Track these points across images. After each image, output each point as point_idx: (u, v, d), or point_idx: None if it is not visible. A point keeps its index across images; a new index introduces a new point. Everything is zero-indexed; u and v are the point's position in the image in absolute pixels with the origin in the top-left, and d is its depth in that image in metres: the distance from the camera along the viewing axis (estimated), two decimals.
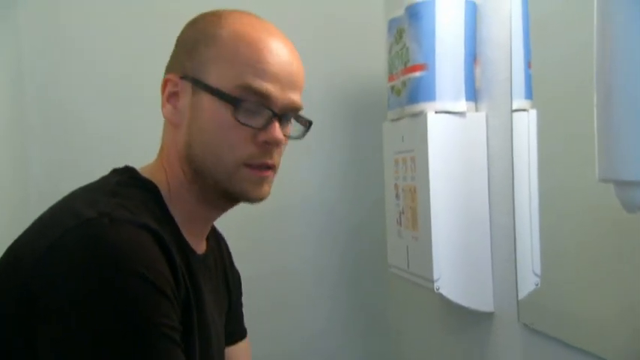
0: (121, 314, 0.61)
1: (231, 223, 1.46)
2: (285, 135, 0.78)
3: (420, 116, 1.10)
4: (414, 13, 1.11)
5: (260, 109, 0.75)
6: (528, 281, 1.00)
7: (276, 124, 0.76)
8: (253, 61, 0.75)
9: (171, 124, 0.79)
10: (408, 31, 1.14)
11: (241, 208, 0.83)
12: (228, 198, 0.79)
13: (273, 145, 0.76)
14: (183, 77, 0.77)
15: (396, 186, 1.25)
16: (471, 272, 1.10)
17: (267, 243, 1.57)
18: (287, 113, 0.79)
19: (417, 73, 1.10)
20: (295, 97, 0.78)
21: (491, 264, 1.10)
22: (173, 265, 0.67)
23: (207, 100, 0.75)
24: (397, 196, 1.24)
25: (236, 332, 1.01)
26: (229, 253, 1.01)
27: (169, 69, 0.80)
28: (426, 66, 1.09)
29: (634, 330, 0.78)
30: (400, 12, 1.17)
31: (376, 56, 1.58)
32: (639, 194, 0.57)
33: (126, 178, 0.76)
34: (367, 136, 1.56)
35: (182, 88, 0.77)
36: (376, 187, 1.48)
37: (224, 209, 0.83)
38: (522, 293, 1.01)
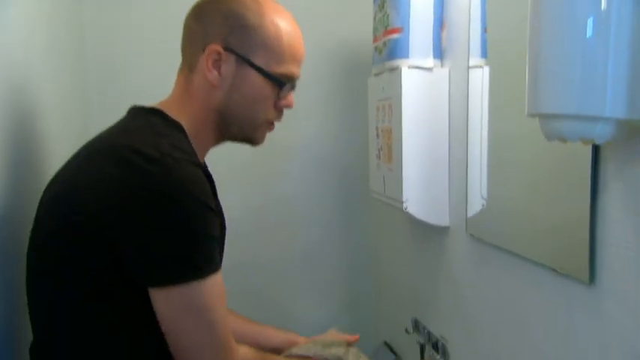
0: (192, 229, 0.67)
1: (244, 161, 1.51)
2: None
3: (396, 71, 1.10)
4: None
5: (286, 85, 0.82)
6: (477, 202, 1.02)
7: (292, 95, 0.84)
8: (292, 55, 0.81)
9: (211, 85, 0.79)
10: (388, 1, 1.13)
11: (253, 149, 0.85)
12: (241, 140, 0.86)
13: (286, 109, 0.85)
14: (228, 50, 0.78)
15: (376, 128, 1.26)
16: (432, 195, 1.12)
17: (272, 176, 1.59)
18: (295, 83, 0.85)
19: (395, 35, 1.10)
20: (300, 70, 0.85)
21: (448, 189, 1.12)
22: (214, 191, 0.74)
23: (252, 75, 0.79)
24: (377, 135, 1.25)
25: None
26: None
27: (211, 37, 0.78)
28: (402, 29, 1.08)
29: (552, 237, 0.81)
30: None
31: (365, 22, 1.57)
32: (557, 125, 0.58)
33: (162, 120, 0.77)
34: (356, 88, 1.56)
35: (225, 59, 0.78)
36: (362, 129, 1.49)
37: (224, 142, 0.87)
38: (471, 212, 1.04)
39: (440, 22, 1.09)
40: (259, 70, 0.78)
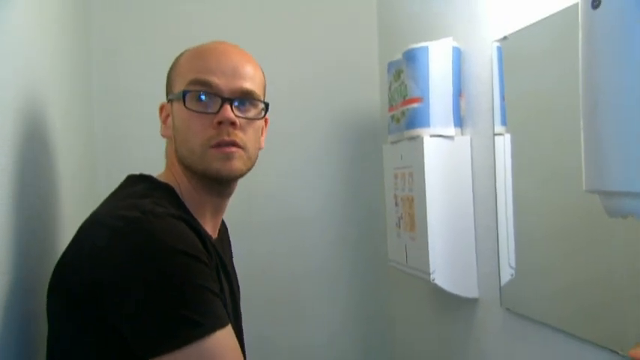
0: (176, 283, 0.61)
1: (253, 228, 1.47)
2: (238, 116, 0.76)
3: (418, 139, 1.09)
4: (410, 57, 1.10)
5: (211, 98, 0.75)
6: (505, 272, 0.99)
7: (227, 107, 0.75)
8: (199, 64, 0.77)
9: (168, 139, 0.82)
10: (405, 71, 1.13)
11: (262, 214, 0.80)
12: (209, 179, 0.78)
13: (226, 123, 0.74)
14: (168, 101, 0.81)
15: (395, 196, 1.23)
16: (460, 265, 1.08)
17: (285, 247, 1.53)
18: (239, 98, 0.77)
19: (415, 105, 1.09)
20: (243, 84, 0.77)
21: (476, 259, 1.09)
22: (204, 243, 0.68)
23: (175, 108, 0.78)
24: (396, 204, 1.22)
25: None
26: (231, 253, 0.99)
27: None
28: (422, 99, 1.08)
29: (586, 307, 0.77)
30: (398, 56, 1.17)
31: (371, 91, 1.58)
32: (622, 202, 0.56)
33: (149, 184, 0.76)
34: (363, 156, 1.56)
35: (167, 109, 0.81)
36: (375, 197, 1.47)
37: (219, 193, 0.82)
38: (501, 282, 1.00)
39: (458, 91, 1.10)
40: (172, 96, 0.79)
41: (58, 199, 0.92)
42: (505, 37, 0.96)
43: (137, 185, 0.75)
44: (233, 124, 0.75)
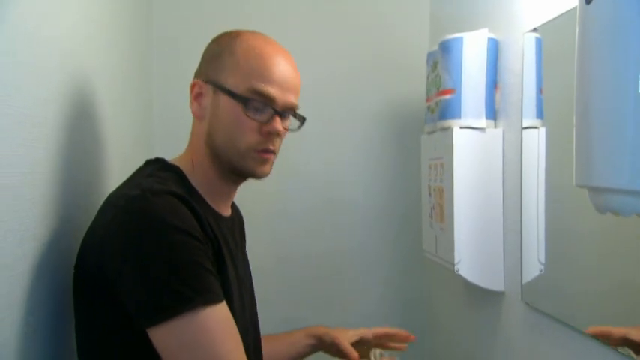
0: (168, 257, 0.65)
1: (296, 211, 1.53)
2: (284, 128, 0.82)
3: (448, 131, 1.09)
4: (445, 48, 1.10)
5: (265, 108, 0.79)
6: (534, 267, 0.98)
7: (277, 119, 0.79)
8: (260, 70, 0.78)
9: (196, 118, 0.82)
10: (441, 62, 1.13)
11: (306, 198, 0.84)
12: (238, 174, 0.82)
13: (274, 135, 0.79)
14: (206, 81, 0.80)
15: (429, 186, 1.24)
16: (486, 258, 1.08)
17: (329, 229, 1.59)
18: (286, 111, 0.81)
19: (447, 96, 1.09)
20: (292, 98, 0.81)
21: (503, 252, 1.08)
22: (199, 219, 0.70)
23: (224, 100, 0.78)
24: (430, 194, 1.23)
25: None
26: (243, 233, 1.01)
27: (195, 76, 0.84)
28: (454, 90, 1.08)
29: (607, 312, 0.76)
30: (435, 47, 1.17)
31: (418, 82, 1.58)
32: (607, 199, 0.55)
33: (158, 166, 0.80)
34: (409, 146, 1.57)
35: (205, 90, 0.80)
36: (415, 187, 1.47)
37: (236, 183, 0.86)
38: (527, 277, 0.99)
39: (493, 83, 1.08)
40: (228, 92, 0.78)
41: (105, 184, 1.00)
42: (535, 29, 0.94)
43: (148, 167, 0.80)
44: (278, 135, 0.80)
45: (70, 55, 0.81)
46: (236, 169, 0.81)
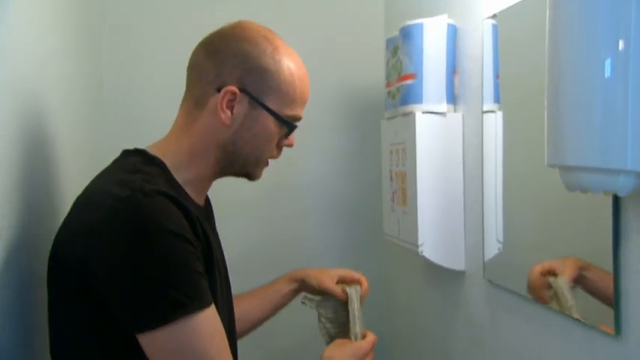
0: (163, 263, 0.64)
1: (258, 196, 1.52)
2: None
3: (410, 115, 1.11)
4: (406, 33, 1.12)
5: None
6: (493, 246, 1.02)
7: (294, 135, 0.84)
8: (298, 96, 0.82)
9: (221, 123, 0.78)
10: (401, 48, 1.15)
11: (262, 181, 0.85)
12: (239, 176, 0.85)
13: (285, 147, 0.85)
14: (243, 91, 0.77)
15: (390, 171, 1.26)
16: (448, 239, 1.11)
17: (287, 214, 1.59)
18: None
19: (409, 81, 1.11)
20: None
21: (464, 233, 1.12)
22: (190, 219, 0.69)
23: (264, 117, 0.79)
24: (391, 179, 1.25)
25: None
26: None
27: (226, 77, 0.78)
28: (416, 75, 1.10)
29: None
30: (395, 33, 1.18)
31: (376, 67, 1.59)
32: (578, 177, 0.58)
33: (140, 158, 0.77)
34: (367, 131, 1.58)
35: (239, 99, 0.78)
36: (374, 172, 1.49)
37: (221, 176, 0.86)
38: (488, 256, 1.03)
39: (452, 68, 1.11)
40: (272, 112, 0.79)
41: (56, 177, 0.96)
42: (495, 15, 0.97)
43: (128, 159, 0.76)
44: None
45: (10, 45, 0.75)
46: (242, 174, 0.84)
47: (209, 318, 0.66)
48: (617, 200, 0.66)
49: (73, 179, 1.01)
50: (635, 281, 0.64)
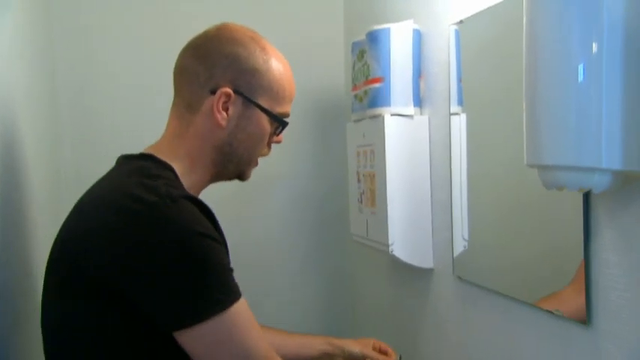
0: (198, 264, 0.67)
1: (222, 197, 1.49)
2: None
3: (379, 118, 1.13)
4: (373, 38, 1.14)
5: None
6: (459, 244, 1.05)
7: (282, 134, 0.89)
8: (286, 94, 0.85)
9: (217, 125, 0.80)
10: (368, 52, 1.17)
11: (232, 187, 0.86)
12: (233, 177, 0.87)
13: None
14: (236, 92, 0.80)
15: (357, 173, 1.28)
16: (416, 238, 1.14)
17: (250, 214, 1.57)
18: None
19: (377, 85, 1.13)
20: None
21: (432, 231, 1.15)
22: (213, 220, 0.73)
23: (258, 116, 0.82)
24: (359, 180, 1.27)
25: None
26: None
27: (218, 79, 0.79)
28: (383, 79, 1.12)
29: (532, 277, 0.84)
30: (361, 37, 1.20)
31: (336, 70, 1.61)
32: (556, 175, 0.61)
33: (153, 163, 0.77)
34: (328, 134, 1.60)
35: (233, 100, 0.80)
36: (338, 173, 1.51)
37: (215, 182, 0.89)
38: (455, 253, 1.06)
39: (418, 72, 1.14)
40: (265, 111, 0.82)
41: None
42: (461, 21, 1.00)
43: (138, 162, 0.77)
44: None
45: None
46: (236, 175, 0.87)
47: (243, 310, 0.70)
48: (587, 197, 0.71)
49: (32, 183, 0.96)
50: (605, 273, 0.68)
